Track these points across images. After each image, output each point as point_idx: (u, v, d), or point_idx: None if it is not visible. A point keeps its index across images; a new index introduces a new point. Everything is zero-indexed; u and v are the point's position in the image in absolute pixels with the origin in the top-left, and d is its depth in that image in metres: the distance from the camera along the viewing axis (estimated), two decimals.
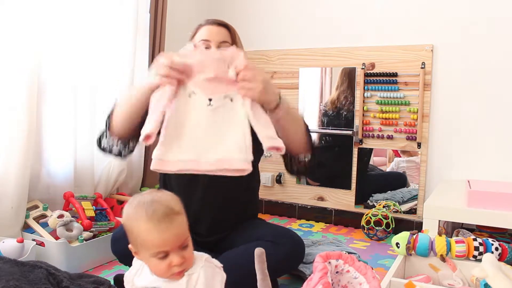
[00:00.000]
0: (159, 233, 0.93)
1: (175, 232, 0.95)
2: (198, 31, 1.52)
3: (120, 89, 2.21)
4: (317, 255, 1.22)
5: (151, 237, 0.94)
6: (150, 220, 0.93)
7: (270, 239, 1.45)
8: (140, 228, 0.95)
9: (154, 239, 0.94)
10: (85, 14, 2.03)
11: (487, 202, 1.70)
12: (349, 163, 2.52)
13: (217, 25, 1.49)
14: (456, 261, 1.44)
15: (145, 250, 0.96)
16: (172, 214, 0.95)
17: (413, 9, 2.32)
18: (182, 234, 0.96)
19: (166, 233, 0.93)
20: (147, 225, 0.94)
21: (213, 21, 1.51)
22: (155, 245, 0.94)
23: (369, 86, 2.43)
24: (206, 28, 1.49)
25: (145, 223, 0.94)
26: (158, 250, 0.94)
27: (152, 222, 0.93)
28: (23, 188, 1.79)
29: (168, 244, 0.94)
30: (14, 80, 1.75)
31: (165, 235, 0.93)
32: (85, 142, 2.10)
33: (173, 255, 0.94)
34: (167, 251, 0.94)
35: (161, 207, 0.95)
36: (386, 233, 2.27)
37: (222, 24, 1.50)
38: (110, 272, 1.77)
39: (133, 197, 1.01)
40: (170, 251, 0.94)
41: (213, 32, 1.48)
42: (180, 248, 0.95)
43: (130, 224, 0.97)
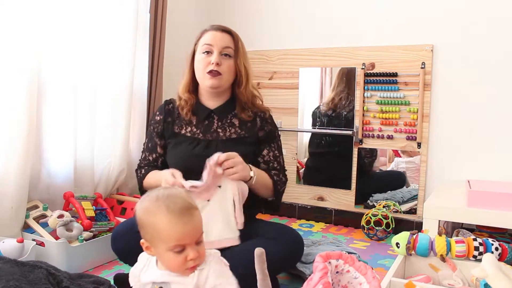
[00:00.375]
0: (180, 226, 0.96)
1: (194, 226, 0.98)
2: (202, 35, 1.60)
3: (120, 89, 2.21)
4: (317, 255, 1.22)
5: (172, 230, 0.96)
6: (171, 213, 0.96)
7: (270, 236, 1.47)
8: (160, 221, 0.96)
9: (175, 232, 0.96)
10: (85, 14, 2.03)
11: (487, 202, 1.70)
12: (349, 163, 2.52)
13: (221, 31, 1.57)
14: (456, 261, 1.45)
15: (163, 243, 0.97)
16: (191, 208, 0.99)
17: (413, 9, 2.32)
18: (199, 229, 0.99)
19: (187, 226, 0.96)
20: (169, 217, 0.96)
21: (217, 26, 1.59)
22: (175, 238, 0.96)
23: (369, 86, 2.43)
24: (210, 33, 1.58)
25: (166, 216, 0.96)
26: (177, 243, 0.96)
27: (174, 215, 0.96)
28: (23, 188, 1.79)
29: (187, 237, 0.96)
30: (14, 80, 1.75)
31: (186, 228, 0.96)
32: (85, 142, 2.10)
33: (190, 249, 0.96)
34: (184, 245, 0.96)
35: (181, 201, 0.98)
36: (386, 233, 2.27)
37: (226, 30, 1.59)
38: (110, 272, 1.77)
39: (147, 193, 1.03)
40: (187, 245, 0.96)
41: (216, 38, 1.56)
42: (195, 243, 0.98)
43: (148, 218, 0.99)
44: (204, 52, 1.56)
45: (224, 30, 1.58)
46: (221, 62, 1.56)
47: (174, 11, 2.60)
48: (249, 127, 1.65)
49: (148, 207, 1.00)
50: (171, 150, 1.65)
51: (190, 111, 1.63)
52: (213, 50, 1.54)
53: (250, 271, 1.08)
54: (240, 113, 1.64)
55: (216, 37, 1.56)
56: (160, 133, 1.67)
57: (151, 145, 1.69)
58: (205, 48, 1.55)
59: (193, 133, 1.64)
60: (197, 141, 1.62)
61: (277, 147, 1.71)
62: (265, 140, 1.67)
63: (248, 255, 1.25)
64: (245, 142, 1.63)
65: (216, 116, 1.64)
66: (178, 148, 1.63)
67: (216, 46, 1.54)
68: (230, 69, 1.59)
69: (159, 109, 1.71)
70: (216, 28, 1.58)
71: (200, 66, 1.58)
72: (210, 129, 1.64)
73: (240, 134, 1.63)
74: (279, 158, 1.70)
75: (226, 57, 1.58)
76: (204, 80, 1.58)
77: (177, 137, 1.64)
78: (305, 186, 2.67)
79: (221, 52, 1.55)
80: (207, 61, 1.56)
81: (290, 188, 2.71)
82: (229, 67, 1.58)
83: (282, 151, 1.75)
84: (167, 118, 1.67)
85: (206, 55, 1.56)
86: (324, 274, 1.13)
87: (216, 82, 1.57)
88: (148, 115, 2.39)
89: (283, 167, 1.73)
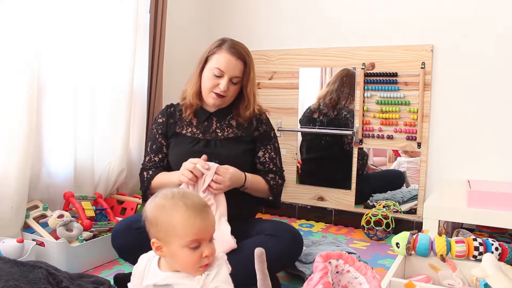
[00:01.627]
0: (199, 221, 0.98)
1: (211, 222, 1.01)
2: (218, 52, 1.62)
3: (120, 89, 2.21)
4: (318, 255, 1.22)
5: (190, 225, 0.97)
6: (190, 208, 0.98)
7: (269, 233, 1.50)
8: (179, 216, 0.98)
9: (192, 226, 0.97)
10: (85, 14, 2.02)
11: (487, 202, 1.70)
12: (349, 163, 2.52)
13: (236, 58, 1.60)
14: (456, 261, 1.45)
15: (179, 239, 0.98)
16: (207, 206, 1.03)
17: (413, 9, 2.32)
18: (214, 226, 1.02)
19: (205, 222, 0.99)
20: (188, 212, 0.98)
21: (234, 51, 1.61)
22: (192, 232, 0.97)
23: (369, 86, 2.43)
24: (225, 57, 1.60)
25: (185, 211, 0.98)
26: (195, 237, 0.97)
27: (192, 210, 0.98)
28: (23, 188, 1.79)
29: (204, 232, 0.98)
30: (14, 80, 1.75)
31: (204, 223, 0.98)
32: (85, 142, 2.09)
33: (205, 246, 0.98)
34: (200, 240, 0.98)
35: (197, 199, 1.03)
36: (386, 233, 2.27)
37: (241, 58, 1.61)
38: (110, 272, 1.77)
39: (160, 192, 1.04)
40: (202, 241, 0.98)
41: (230, 65, 1.60)
42: (209, 241, 1.00)
43: (164, 214, 1.00)
44: (215, 74, 1.61)
45: (240, 57, 1.61)
46: (228, 89, 1.62)
47: (174, 11, 2.60)
48: (245, 127, 1.72)
49: (164, 204, 1.01)
50: (173, 148, 1.72)
51: (193, 113, 1.71)
52: (224, 76, 1.60)
53: (249, 270, 1.08)
54: (237, 116, 1.71)
55: (229, 65, 1.60)
56: (164, 133, 1.74)
57: (156, 147, 1.74)
58: (217, 72, 1.60)
59: (193, 133, 1.71)
60: (197, 140, 1.69)
61: (273, 148, 1.75)
62: (260, 140, 1.72)
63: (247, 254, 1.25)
64: (242, 141, 1.70)
65: (215, 118, 1.72)
66: (179, 146, 1.70)
67: (227, 73, 1.60)
68: (235, 93, 1.68)
69: (161, 113, 1.78)
70: (233, 52, 1.61)
71: (208, 85, 1.64)
72: (209, 129, 1.71)
73: (237, 134, 1.70)
74: (275, 159, 1.74)
75: (233, 84, 1.64)
76: (209, 97, 1.66)
77: (178, 136, 1.72)
78: (305, 186, 2.67)
79: (231, 79, 1.61)
80: (215, 83, 1.62)
81: (290, 188, 2.71)
82: (235, 92, 1.67)
83: (280, 152, 1.78)
84: (169, 120, 1.74)
85: (215, 77, 1.62)
86: (324, 274, 1.13)
87: (219, 103, 1.67)
88: (148, 115, 2.39)
89: (280, 168, 1.76)
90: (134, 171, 2.37)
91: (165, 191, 1.04)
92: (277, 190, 1.71)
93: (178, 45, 2.61)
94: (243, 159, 1.67)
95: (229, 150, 1.66)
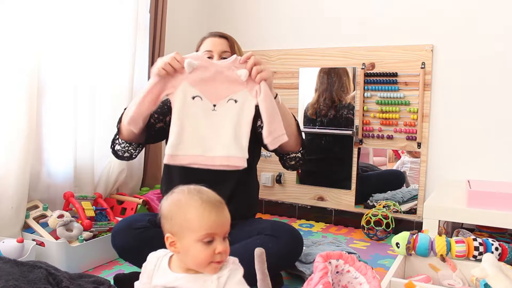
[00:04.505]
0: (214, 215, 0.98)
1: (226, 219, 1.01)
2: (202, 43, 1.69)
3: (120, 89, 2.21)
4: (318, 255, 1.22)
5: (204, 218, 0.98)
6: (205, 202, 0.99)
7: (269, 233, 1.49)
8: (194, 210, 0.99)
9: (207, 219, 0.98)
10: (85, 13, 2.03)
11: (487, 202, 1.70)
12: (349, 163, 2.52)
13: (218, 37, 1.67)
14: (456, 261, 1.45)
15: (192, 233, 0.98)
16: (223, 203, 1.03)
17: (413, 9, 2.32)
18: (228, 224, 1.02)
19: (219, 216, 0.99)
20: (203, 206, 0.99)
21: (215, 33, 1.70)
22: (207, 226, 0.98)
23: (369, 86, 2.43)
24: (209, 40, 1.68)
25: (201, 205, 0.99)
26: (209, 231, 0.97)
27: (208, 204, 0.99)
28: (23, 188, 1.79)
29: (219, 227, 0.99)
30: (14, 80, 1.75)
31: (219, 218, 0.99)
32: (85, 142, 2.10)
33: (218, 242, 0.98)
34: (214, 235, 0.98)
35: (213, 195, 1.03)
36: (386, 233, 2.27)
37: (222, 36, 1.69)
38: (110, 272, 1.77)
39: (176, 188, 1.05)
40: (216, 237, 0.98)
41: (215, 44, 1.65)
42: (223, 238, 1.00)
43: (180, 209, 1.00)
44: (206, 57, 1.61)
45: (221, 35, 1.68)
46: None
47: (174, 11, 2.61)
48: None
49: (180, 198, 1.02)
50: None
51: None
52: (213, 55, 1.63)
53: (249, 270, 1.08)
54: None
55: (215, 43, 1.65)
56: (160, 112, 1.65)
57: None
58: (206, 54, 1.63)
59: None
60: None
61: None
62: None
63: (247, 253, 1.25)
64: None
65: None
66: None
67: (215, 51, 1.63)
68: None
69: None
70: (214, 34, 1.69)
71: None
72: None
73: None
74: None
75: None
76: None
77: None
78: (305, 186, 2.67)
79: (220, 56, 1.64)
80: None
81: (290, 188, 2.71)
82: None
83: None
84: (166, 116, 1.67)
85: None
86: (324, 274, 1.13)
87: None
88: None
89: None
90: (134, 171, 2.38)
91: (181, 187, 1.04)
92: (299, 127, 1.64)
93: (178, 45, 2.61)
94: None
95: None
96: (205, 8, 2.88)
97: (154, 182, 2.48)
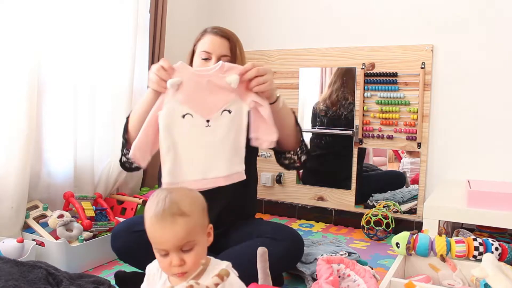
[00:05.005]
0: (157, 230, 0.93)
1: (175, 234, 0.92)
2: (202, 37, 1.54)
3: (120, 89, 2.21)
4: (319, 259, 1.23)
5: (152, 232, 0.94)
6: (154, 215, 0.93)
7: (269, 236, 1.47)
8: (147, 221, 0.95)
9: (153, 235, 0.94)
10: (85, 13, 2.03)
11: (487, 202, 1.69)
12: (349, 163, 2.52)
13: (220, 37, 1.51)
14: (456, 261, 1.44)
15: (152, 243, 0.96)
16: (177, 214, 0.93)
17: (413, 9, 2.32)
18: (183, 237, 0.93)
19: (164, 232, 0.92)
20: (151, 219, 0.94)
21: (217, 31, 1.52)
22: (154, 240, 0.95)
23: (369, 86, 2.43)
24: (210, 38, 1.51)
25: (150, 218, 0.94)
26: (157, 247, 0.95)
27: (155, 217, 0.93)
28: (23, 188, 1.79)
29: (164, 243, 0.93)
30: (14, 80, 1.75)
31: (163, 233, 0.92)
32: (85, 142, 2.10)
33: (173, 255, 0.93)
34: (166, 250, 0.94)
35: (169, 205, 0.93)
36: (386, 233, 2.27)
37: (225, 36, 1.52)
38: (110, 272, 1.76)
39: (160, 189, 1.00)
40: (169, 251, 0.93)
41: (215, 45, 1.50)
42: (180, 250, 0.93)
43: (145, 214, 0.98)
44: (202, 58, 1.52)
45: (223, 35, 1.52)
46: None
47: (174, 11, 2.60)
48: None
49: (147, 204, 0.98)
50: None
51: None
52: (211, 57, 1.50)
53: (250, 271, 1.08)
54: None
55: (214, 45, 1.50)
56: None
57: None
58: (204, 55, 1.50)
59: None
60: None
61: None
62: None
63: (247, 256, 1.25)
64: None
65: None
66: None
67: (214, 53, 1.49)
68: None
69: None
70: (215, 32, 1.52)
71: None
72: None
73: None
74: None
75: None
76: None
77: None
78: (305, 186, 2.67)
79: (218, 59, 1.49)
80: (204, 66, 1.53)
81: (290, 188, 2.71)
82: None
83: None
84: None
85: (203, 61, 1.52)
86: (330, 274, 1.15)
87: None
88: None
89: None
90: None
91: (160, 189, 1.00)
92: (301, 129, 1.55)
93: (178, 45, 2.60)
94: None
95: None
96: (205, 8, 2.88)
97: (154, 182, 2.48)
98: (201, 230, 0.97)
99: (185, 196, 0.97)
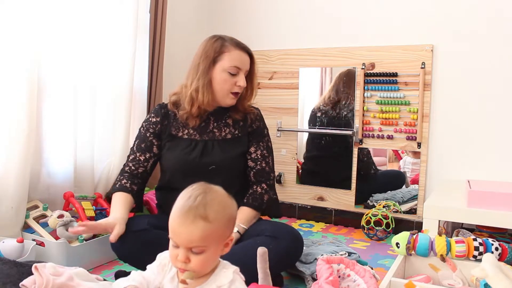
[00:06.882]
0: (176, 223, 0.96)
1: (189, 232, 0.94)
2: (226, 50, 1.61)
3: (120, 89, 2.21)
4: (319, 259, 1.23)
5: (171, 221, 0.97)
6: (180, 208, 0.96)
7: (269, 234, 1.48)
8: (174, 207, 0.98)
9: (172, 225, 0.97)
10: (85, 13, 2.02)
11: (487, 202, 1.70)
12: (349, 163, 2.52)
13: (246, 53, 1.64)
14: (456, 261, 1.45)
15: (169, 230, 0.98)
16: (200, 217, 0.94)
17: (413, 9, 2.32)
18: (196, 240, 0.94)
19: (181, 227, 0.95)
20: (176, 210, 0.97)
21: (243, 46, 1.65)
22: (171, 230, 0.97)
23: (369, 86, 2.43)
24: (239, 54, 1.62)
25: (176, 207, 0.98)
26: (171, 236, 0.97)
27: (179, 211, 0.96)
28: (23, 188, 1.79)
29: (177, 237, 0.96)
30: (14, 80, 1.75)
31: (180, 228, 0.95)
32: (85, 142, 2.09)
33: (181, 250, 0.96)
34: (176, 242, 0.96)
35: (197, 205, 0.95)
36: (386, 233, 2.27)
37: (249, 52, 1.67)
38: (110, 272, 1.76)
39: (202, 183, 1.01)
40: (179, 245, 0.96)
41: (244, 61, 1.64)
42: (189, 250, 0.95)
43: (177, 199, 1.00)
44: (231, 73, 1.61)
45: (247, 51, 1.65)
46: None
47: (174, 11, 2.60)
48: (241, 125, 1.72)
49: (185, 190, 1.01)
50: (167, 152, 1.68)
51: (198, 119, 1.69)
52: (240, 72, 1.61)
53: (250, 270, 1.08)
54: (234, 114, 1.71)
55: (244, 61, 1.63)
56: (158, 134, 1.70)
57: (145, 145, 1.69)
58: (234, 70, 1.60)
59: (190, 134, 1.68)
60: (194, 143, 1.66)
61: (266, 146, 1.74)
62: (253, 136, 1.72)
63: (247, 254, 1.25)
64: (239, 142, 1.69)
65: (213, 117, 1.71)
66: (173, 151, 1.66)
67: (243, 69, 1.62)
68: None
69: (155, 112, 1.73)
70: (242, 48, 1.64)
71: (226, 87, 1.62)
72: (207, 129, 1.69)
73: (234, 134, 1.70)
74: (267, 158, 1.73)
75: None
76: (227, 99, 1.65)
77: (174, 139, 1.68)
78: (305, 186, 2.67)
79: (245, 74, 1.64)
80: (233, 82, 1.62)
81: (290, 188, 2.71)
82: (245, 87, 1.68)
83: (272, 152, 1.77)
84: (164, 121, 1.70)
85: (231, 76, 1.61)
86: (331, 274, 1.15)
87: (235, 101, 1.68)
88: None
89: (272, 169, 1.75)
90: None
91: (201, 183, 1.01)
92: (265, 206, 1.68)
93: (178, 45, 2.61)
94: (238, 161, 1.68)
95: (226, 152, 1.65)
96: (205, 8, 2.88)
97: (154, 182, 2.47)
98: (218, 239, 0.98)
99: (216, 202, 0.98)
